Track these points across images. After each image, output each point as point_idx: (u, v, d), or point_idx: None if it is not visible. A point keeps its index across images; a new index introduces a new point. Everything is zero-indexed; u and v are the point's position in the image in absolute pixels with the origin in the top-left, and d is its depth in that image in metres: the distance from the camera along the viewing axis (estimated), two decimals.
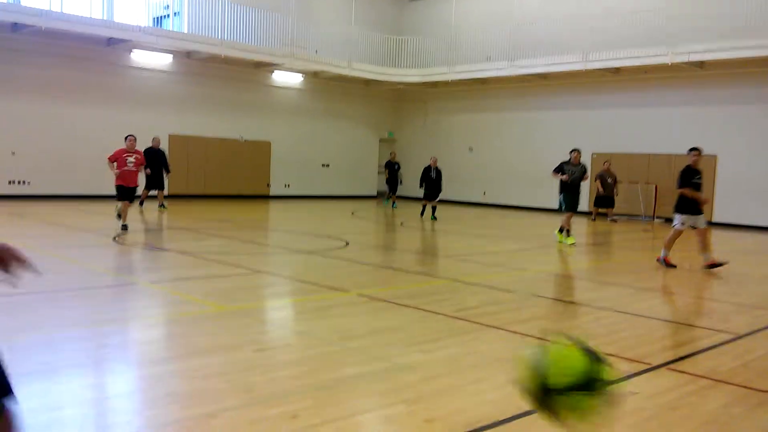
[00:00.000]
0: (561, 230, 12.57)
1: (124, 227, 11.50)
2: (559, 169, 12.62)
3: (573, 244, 12.24)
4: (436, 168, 17.29)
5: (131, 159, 11.79)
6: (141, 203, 16.19)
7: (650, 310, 7.04)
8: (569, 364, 1.62)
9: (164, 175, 16.95)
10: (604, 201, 18.95)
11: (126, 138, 11.94)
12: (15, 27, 16.96)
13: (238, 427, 3.45)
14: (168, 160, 17.38)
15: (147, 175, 15.71)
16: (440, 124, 25.65)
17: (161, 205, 16.48)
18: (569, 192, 12.54)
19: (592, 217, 19.30)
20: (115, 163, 11.68)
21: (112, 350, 4.87)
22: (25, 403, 3.77)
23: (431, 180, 17.09)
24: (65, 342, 5.00)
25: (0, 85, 17.40)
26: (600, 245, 13.85)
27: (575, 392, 1.58)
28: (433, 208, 17.00)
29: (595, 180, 18.89)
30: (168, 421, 3.52)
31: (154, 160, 16.34)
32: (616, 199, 19.24)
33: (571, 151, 12.78)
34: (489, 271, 9.41)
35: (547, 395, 1.58)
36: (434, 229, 15.44)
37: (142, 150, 16.51)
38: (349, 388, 4.14)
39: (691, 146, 11.07)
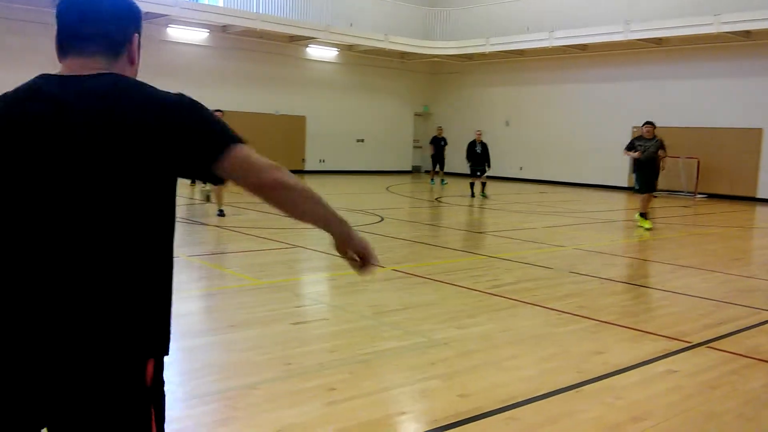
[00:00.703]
0: (642, 215, 11.37)
1: (220, 212, 10.97)
2: (630, 146, 11.49)
3: (649, 229, 11.14)
4: (482, 142, 16.66)
5: None
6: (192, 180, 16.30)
7: (690, 287, 6.91)
8: None
9: None
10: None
11: (215, 113, 12.08)
12: (53, 2, 17.15)
13: (277, 398, 3.51)
14: None
15: None
16: (476, 97, 25.34)
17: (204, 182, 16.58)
18: (642, 170, 11.38)
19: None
20: None
21: None
22: None
23: (477, 155, 16.52)
24: None
25: (39, 61, 17.64)
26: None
27: None
28: (483, 185, 16.48)
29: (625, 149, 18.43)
30: (209, 392, 3.61)
31: None
32: (662, 173, 18.74)
33: (643, 124, 11.61)
34: (525, 247, 9.34)
35: None
36: (470, 204, 15.35)
37: None
38: (384, 362, 4.17)
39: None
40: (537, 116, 23.29)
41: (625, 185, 20.59)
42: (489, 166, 16.63)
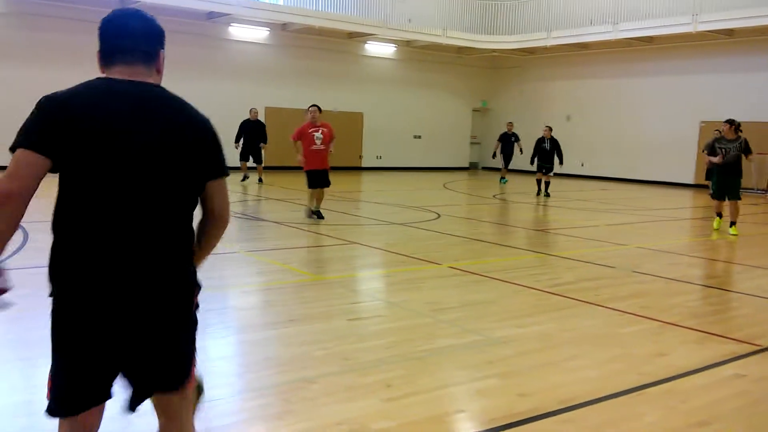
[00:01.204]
0: (731, 224, 10.39)
1: (318, 214, 10.11)
2: (711, 150, 10.39)
3: (717, 229, 10.57)
4: (551, 138, 16.06)
5: (318, 134, 9.86)
6: (244, 178, 16.38)
7: (761, 288, 6.63)
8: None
9: (261, 148, 16.98)
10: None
11: (308, 109, 10.17)
12: (122, 2, 17.77)
13: (335, 393, 3.54)
14: (266, 133, 17.37)
15: (243, 147, 16.21)
16: (537, 92, 24.92)
17: (260, 180, 16.75)
18: (725, 175, 10.30)
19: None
20: (299, 143, 10.00)
21: (213, 315, 5.10)
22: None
23: (545, 152, 16.02)
24: None
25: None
26: (707, 220, 13.14)
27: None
28: (547, 184, 16.01)
29: (703, 151, 17.84)
30: (268, 384, 3.67)
31: (253, 132, 16.59)
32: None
33: (724, 123, 10.47)
34: (586, 245, 9.14)
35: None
36: (529, 201, 15.12)
37: (239, 123, 17.03)
38: (441, 360, 4.15)
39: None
40: (599, 111, 22.74)
41: (692, 182, 19.90)
42: (561, 163, 16.16)
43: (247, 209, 11.95)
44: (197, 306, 2.22)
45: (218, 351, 4.36)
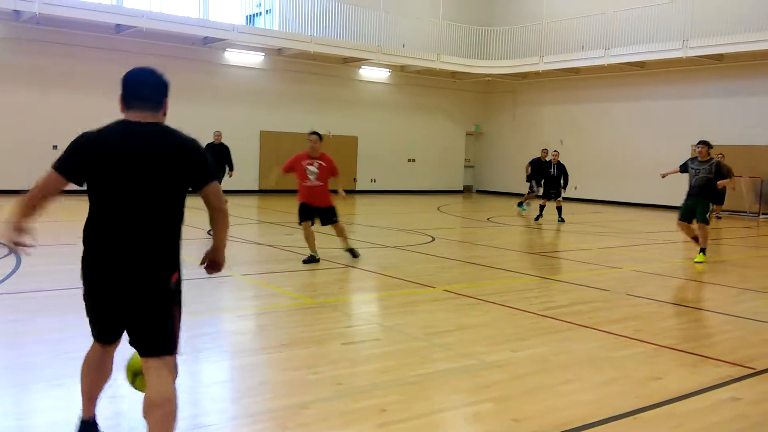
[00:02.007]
0: (701, 250, 9.86)
1: (312, 259, 8.46)
2: (683, 167, 10.17)
3: (701, 262, 9.77)
4: (558, 163, 15.63)
5: (312, 168, 8.45)
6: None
7: (754, 311, 6.65)
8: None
9: (227, 174, 15.53)
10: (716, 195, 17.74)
11: (308, 137, 8.60)
12: (118, 28, 17.92)
13: (329, 418, 3.52)
14: (232, 157, 16.02)
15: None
16: (530, 116, 25.13)
17: None
18: (688, 196, 10.01)
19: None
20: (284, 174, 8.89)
21: (207, 340, 5.08)
22: (124, 388, 4.00)
23: (552, 177, 15.63)
24: None
25: (105, 85, 18.37)
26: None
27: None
28: (559, 209, 15.60)
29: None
30: (261, 410, 3.64)
31: (217, 156, 15.04)
32: (732, 194, 18.06)
33: (697, 144, 10.22)
34: (580, 268, 9.16)
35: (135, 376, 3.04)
36: (522, 224, 15.16)
37: (204, 145, 16.73)
38: (436, 384, 4.14)
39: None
40: (592, 135, 22.92)
41: (679, 205, 20.03)
42: (565, 188, 15.72)
43: (241, 233, 11.93)
44: (178, 283, 2.91)
45: (212, 376, 4.33)
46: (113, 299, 2.80)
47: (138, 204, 2.77)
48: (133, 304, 2.78)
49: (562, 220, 15.38)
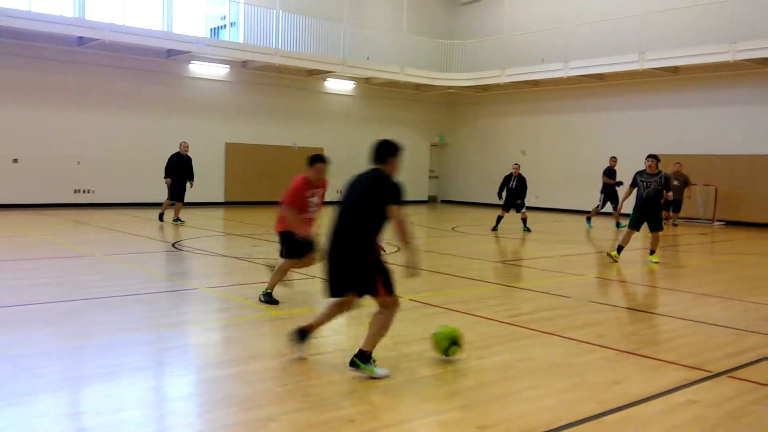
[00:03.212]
0: (651, 252, 10.69)
1: (269, 297, 6.90)
2: (632, 181, 10.68)
3: (615, 259, 10.59)
4: (519, 176, 15.51)
5: (315, 199, 7.01)
6: (161, 217, 14.98)
7: (710, 315, 6.85)
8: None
9: (187, 186, 15.16)
10: (670, 204, 18.27)
11: (312, 163, 6.92)
12: (80, 41, 17.69)
13: (296, 430, 3.53)
14: (193, 169, 15.41)
15: (169, 185, 14.76)
16: (492, 127, 25.47)
17: (177, 219, 14.92)
18: (641, 207, 10.55)
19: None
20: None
21: (173, 354, 5.04)
22: (87, 405, 3.96)
23: (512, 190, 15.56)
24: (127, 346, 5.20)
25: (66, 97, 18.14)
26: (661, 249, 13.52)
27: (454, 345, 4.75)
28: (524, 220, 15.66)
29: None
30: (228, 424, 3.64)
31: (186, 167, 15.03)
32: (689, 201, 18.53)
33: (646, 158, 10.72)
34: (543, 276, 9.31)
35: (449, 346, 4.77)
36: (485, 233, 15.34)
37: (169, 156, 15.77)
38: (403, 394, 4.18)
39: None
40: (553, 146, 23.33)
41: None
42: (522, 200, 15.62)
43: (206, 245, 11.83)
44: (371, 259, 4.61)
45: (178, 390, 4.30)
46: (331, 272, 4.74)
47: (348, 213, 4.77)
48: (341, 274, 4.66)
49: (528, 230, 15.58)
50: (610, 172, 17.30)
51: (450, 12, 26.67)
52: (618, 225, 16.90)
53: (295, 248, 6.85)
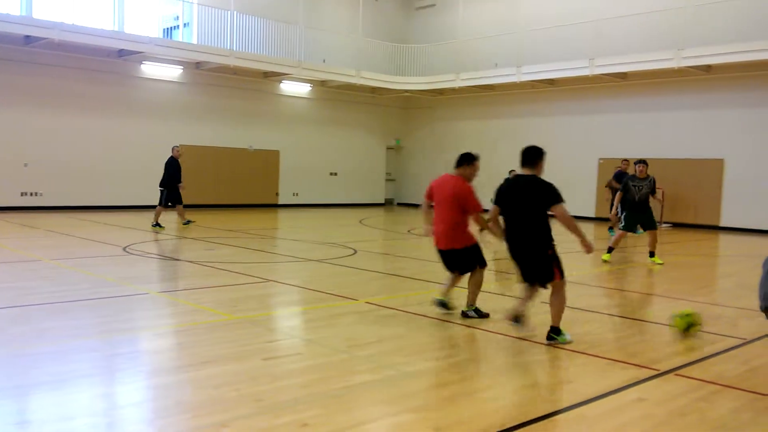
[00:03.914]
0: (651, 254, 11.17)
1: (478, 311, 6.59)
2: (625, 187, 11.14)
3: (661, 263, 10.98)
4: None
5: None
6: (187, 222, 15.25)
7: (658, 315, 7.04)
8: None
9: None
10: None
11: (471, 161, 6.73)
12: (28, 40, 17.18)
13: None
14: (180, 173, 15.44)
15: (162, 191, 14.85)
16: (448, 131, 25.69)
17: (187, 222, 15.34)
18: (639, 211, 11.02)
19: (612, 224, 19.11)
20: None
21: (122, 360, 4.93)
22: (35, 413, 3.84)
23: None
24: (76, 352, 5.06)
25: (13, 97, 17.60)
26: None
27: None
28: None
29: (606, 186, 18.83)
30: (179, 431, 3.57)
31: (177, 171, 15.14)
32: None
33: (636, 163, 11.25)
34: (497, 278, 9.42)
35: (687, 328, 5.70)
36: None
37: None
38: (358, 397, 4.17)
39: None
40: (507, 149, 23.60)
41: (593, 216, 20.93)
42: None
43: (159, 249, 11.62)
44: (551, 252, 5.59)
45: (127, 397, 4.21)
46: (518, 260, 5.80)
47: (521, 214, 5.70)
48: (526, 263, 5.71)
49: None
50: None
51: (405, 16, 26.82)
52: (611, 230, 16.79)
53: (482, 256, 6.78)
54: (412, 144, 27.09)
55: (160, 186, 15.08)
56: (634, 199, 11.02)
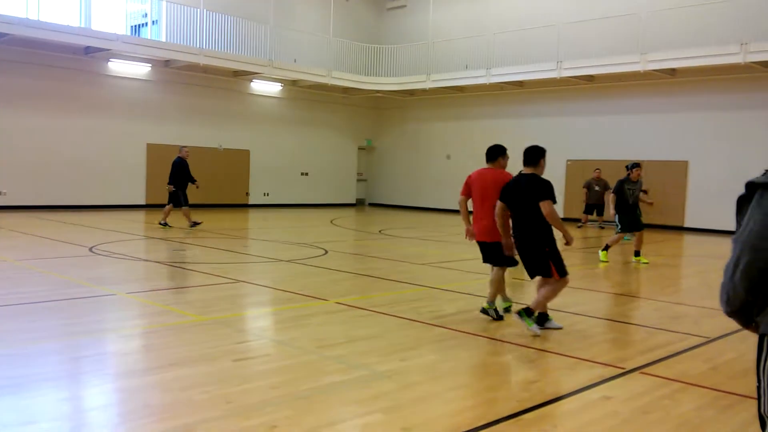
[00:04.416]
0: (637, 253, 11.58)
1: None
2: (621, 192, 11.37)
3: (646, 262, 11.41)
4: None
5: None
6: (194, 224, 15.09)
7: (623, 314, 7.16)
8: None
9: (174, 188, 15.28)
10: (592, 208, 19.00)
11: (504, 153, 6.94)
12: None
13: None
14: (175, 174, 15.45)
15: (171, 192, 14.95)
16: (419, 132, 25.79)
17: (194, 224, 15.10)
18: (633, 213, 11.37)
19: (580, 223, 19.42)
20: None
21: (88, 363, 4.85)
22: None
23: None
24: (40, 355, 4.97)
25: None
26: (579, 251, 13.99)
27: None
28: None
29: (583, 188, 19.12)
30: None
31: (185, 172, 15.29)
32: (608, 206, 19.32)
33: (631, 167, 11.45)
34: (467, 277, 9.49)
35: None
36: (412, 236, 15.50)
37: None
38: (327, 398, 4.16)
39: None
40: (476, 150, 23.74)
41: (562, 216, 21.18)
42: None
43: (126, 249, 11.45)
44: (548, 249, 5.86)
45: (93, 401, 4.14)
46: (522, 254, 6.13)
47: (521, 208, 6.02)
48: (527, 258, 6.07)
49: None
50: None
51: (376, 17, 26.84)
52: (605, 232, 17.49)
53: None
54: (383, 144, 27.13)
55: (174, 186, 15.06)
56: (628, 202, 11.31)
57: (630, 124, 20.09)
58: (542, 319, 6.15)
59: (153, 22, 20.87)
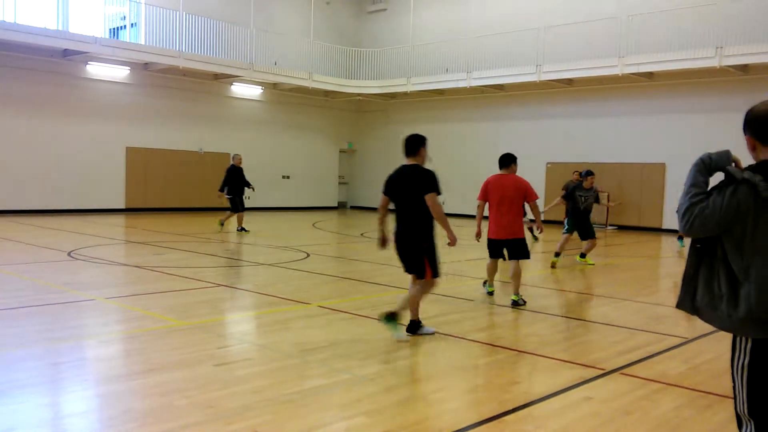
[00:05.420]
0: (582, 255, 11.68)
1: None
2: (571, 196, 11.57)
3: (592, 264, 11.60)
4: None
5: None
6: (241, 229, 15.65)
7: (604, 316, 7.22)
8: None
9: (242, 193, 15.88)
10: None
11: (514, 161, 8.28)
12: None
13: None
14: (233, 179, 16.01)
15: (230, 198, 15.36)
16: (400, 134, 25.48)
17: (241, 228, 15.71)
18: (579, 217, 11.48)
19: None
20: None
21: (68, 368, 4.80)
22: None
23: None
24: (18, 361, 4.90)
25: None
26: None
27: None
28: None
29: (562, 190, 19.19)
30: None
31: (240, 179, 15.74)
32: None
33: (585, 174, 11.70)
34: (448, 280, 9.52)
35: None
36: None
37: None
38: (309, 402, 4.16)
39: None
40: (457, 153, 23.90)
41: (542, 219, 21.33)
42: None
43: (105, 254, 11.33)
44: (427, 246, 5.67)
45: (72, 407, 4.10)
46: (400, 254, 5.98)
47: (404, 202, 5.81)
48: (404, 256, 5.90)
49: None
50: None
51: (357, 20, 26.86)
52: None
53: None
54: (364, 147, 27.14)
55: (227, 194, 15.50)
56: (580, 209, 11.43)
57: (609, 126, 20.32)
58: (414, 327, 5.84)
59: (132, 24, 20.73)
